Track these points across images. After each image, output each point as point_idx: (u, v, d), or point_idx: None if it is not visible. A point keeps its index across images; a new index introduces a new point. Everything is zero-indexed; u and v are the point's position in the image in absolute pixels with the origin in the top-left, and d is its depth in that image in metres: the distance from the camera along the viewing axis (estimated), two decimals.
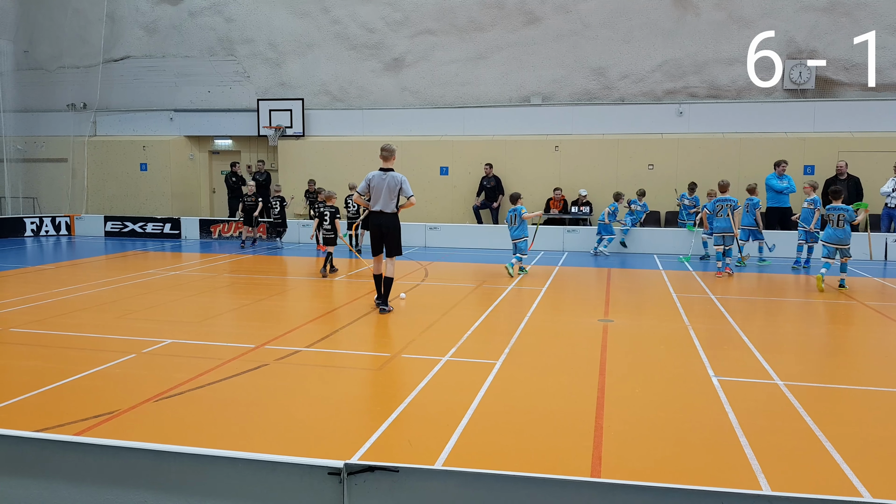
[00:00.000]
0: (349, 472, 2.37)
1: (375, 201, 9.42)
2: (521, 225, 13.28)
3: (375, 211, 9.45)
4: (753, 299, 11.23)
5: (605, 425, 5.24)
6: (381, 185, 9.34)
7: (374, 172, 9.47)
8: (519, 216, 13.26)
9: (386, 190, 9.32)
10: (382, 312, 9.50)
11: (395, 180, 9.33)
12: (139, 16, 22.63)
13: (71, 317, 9.37)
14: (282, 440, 5.03)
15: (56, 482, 2.63)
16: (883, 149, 17.29)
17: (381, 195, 9.35)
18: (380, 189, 9.35)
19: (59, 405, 5.76)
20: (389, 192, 9.33)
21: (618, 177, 18.88)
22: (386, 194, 9.34)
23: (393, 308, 9.68)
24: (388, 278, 9.59)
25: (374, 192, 9.41)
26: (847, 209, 11.79)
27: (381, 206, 9.38)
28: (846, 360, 7.70)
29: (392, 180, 9.33)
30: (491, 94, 20.43)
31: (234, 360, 7.11)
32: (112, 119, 23.32)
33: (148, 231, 21.65)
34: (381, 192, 9.34)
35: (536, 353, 7.61)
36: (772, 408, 5.74)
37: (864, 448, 4.86)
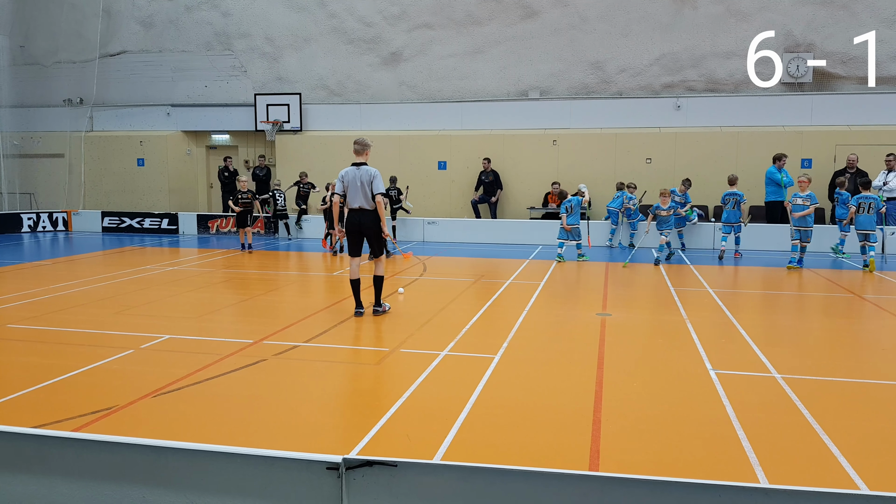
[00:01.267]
0: (348, 467, 2.38)
1: (352, 199, 8.82)
2: (576, 213, 14.67)
3: (354, 209, 8.86)
4: (751, 292, 11.24)
5: (603, 419, 5.25)
6: (354, 180, 8.77)
7: (346, 169, 8.90)
8: (577, 206, 14.63)
9: (360, 185, 8.74)
10: (376, 314, 9.05)
11: (367, 174, 8.73)
12: (135, 10, 22.55)
13: (68, 313, 9.36)
14: (280, 435, 5.03)
15: (54, 478, 2.64)
16: (880, 142, 17.29)
17: (356, 191, 8.77)
18: (354, 185, 8.77)
19: (56, 401, 5.75)
20: (364, 187, 8.74)
21: (616, 171, 18.87)
22: (361, 190, 8.75)
23: (389, 308, 9.31)
24: (377, 277, 9.10)
25: (349, 188, 8.82)
26: (875, 198, 13.56)
27: (358, 202, 8.79)
28: (844, 353, 7.71)
29: (365, 174, 8.73)
30: (489, 88, 20.40)
31: (233, 355, 7.11)
32: (109, 114, 23.26)
33: (145, 227, 21.61)
34: (356, 187, 8.77)
35: (535, 348, 7.62)
36: (769, 401, 5.75)
37: (862, 441, 4.87)
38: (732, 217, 14.83)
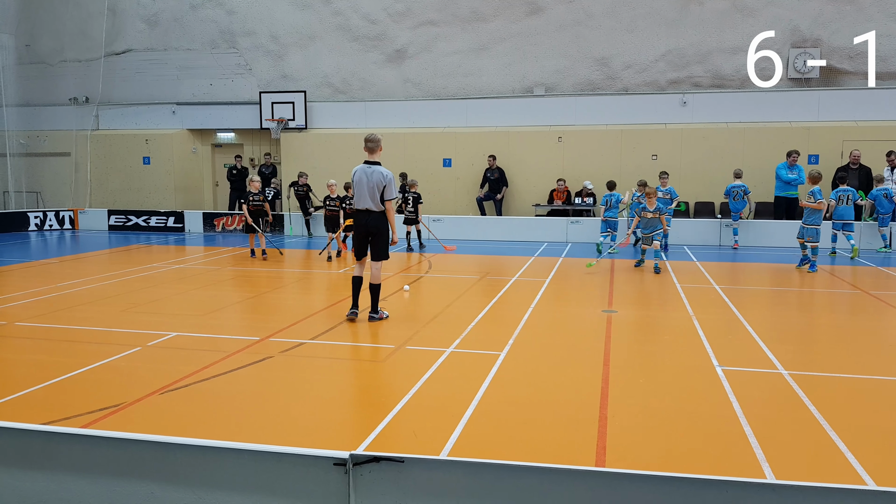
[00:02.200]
0: (355, 463, 2.39)
1: (360, 199, 8.40)
2: (615, 208, 15.17)
3: (361, 210, 8.43)
4: (757, 289, 11.22)
5: (609, 415, 5.25)
6: (364, 180, 8.33)
7: (358, 167, 8.48)
8: (617, 202, 15.10)
9: (371, 186, 8.30)
10: (371, 321, 8.57)
11: (381, 177, 8.28)
12: (140, 9, 22.59)
13: (76, 310, 9.40)
14: (287, 431, 5.05)
15: (63, 474, 2.65)
16: (888, 137, 17.22)
17: (364, 192, 8.34)
18: (363, 185, 8.33)
19: (64, 398, 5.78)
20: (375, 189, 8.30)
21: (621, 168, 18.83)
22: (371, 191, 8.31)
23: (388, 316, 8.78)
24: (373, 285, 8.60)
25: (357, 188, 8.40)
26: (852, 190, 14.48)
27: (366, 203, 8.36)
28: (850, 349, 7.69)
29: (378, 176, 8.28)
30: (494, 85, 20.37)
31: (239, 352, 7.13)
32: (114, 113, 23.32)
33: (151, 225, 21.67)
34: (364, 188, 8.33)
35: (540, 344, 7.62)
36: (776, 397, 5.74)
37: (868, 437, 4.87)
38: (740, 206, 16.17)
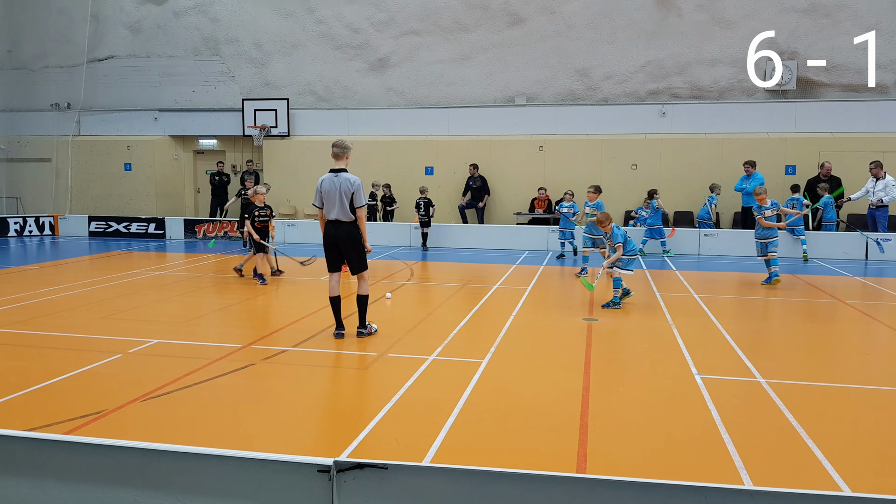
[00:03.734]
0: (339, 470, 2.41)
1: (329, 209, 7.98)
2: (656, 213, 16.03)
3: (331, 220, 8.03)
4: (736, 298, 11.33)
5: (590, 422, 5.30)
6: (332, 189, 7.93)
7: (324, 176, 8.08)
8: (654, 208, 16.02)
9: (339, 195, 7.90)
10: (360, 336, 8.21)
11: (348, 184, 7.89)
12: (123, 15, 22.48)
13: (56, 317, 9.32)
14: (271, 438, 5.05)
15: (46, 481, 2.65)
16: (863, 149, 17.49)
17: (334, 201, 7.93)
18: (332, 194, 7.93)
19: (45, 405, 5.74)
20: (344, 197, 7.90)
21: (601, 177, 18.96)
22: (340, 200, 7.91)
23: (376, 329, 8.40)
24: (360, 296, 8.25)
25: (326, 197, 7.99)
26: (800, 199, 15.46)
27: (335, 214, 7.96)
28: (827, 357, 7.81)
29: (345, 184, 7.89)
30: (476, 94, 20.47)
31: (221, 359, 7.11)
32: (96, 119, 23.16)
33: (132, 231, 21.50)
34: (333, 197, 7.93)
35: (522, 352, 7.66)
36: (754, 405, 5.82)
37: (844, 444, 4.95)
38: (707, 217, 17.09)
